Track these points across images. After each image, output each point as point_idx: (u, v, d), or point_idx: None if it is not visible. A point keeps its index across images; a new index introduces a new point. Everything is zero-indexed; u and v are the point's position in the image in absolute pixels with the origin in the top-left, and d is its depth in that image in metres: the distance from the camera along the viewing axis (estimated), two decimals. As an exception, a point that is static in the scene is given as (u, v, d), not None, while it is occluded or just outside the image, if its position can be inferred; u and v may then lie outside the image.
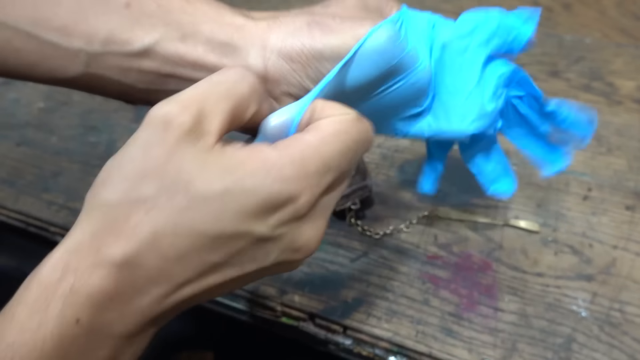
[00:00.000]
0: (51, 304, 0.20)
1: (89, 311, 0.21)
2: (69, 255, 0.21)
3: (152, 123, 0.22)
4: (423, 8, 0.69)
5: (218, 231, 0.21)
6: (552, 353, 0.37)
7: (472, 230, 0.45)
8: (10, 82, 0.62)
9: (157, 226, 0.21)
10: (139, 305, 0.22)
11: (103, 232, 0.21)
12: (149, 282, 0.21)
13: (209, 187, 0.21)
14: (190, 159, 0.21)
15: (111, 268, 0.21)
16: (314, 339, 0.41)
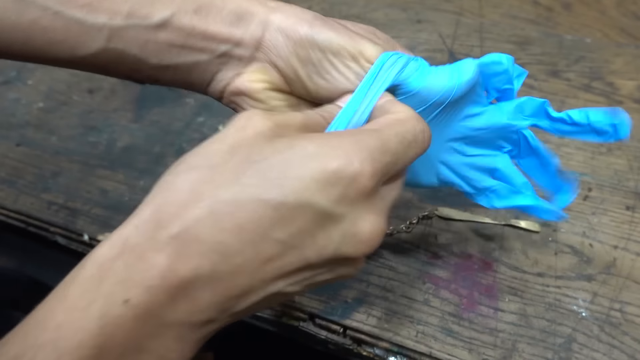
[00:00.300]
0: (104, 282, 0.20)
1: (140, 291, 0.20)
2: (130, 231, 0.21)
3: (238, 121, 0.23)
4: (424, 9, 0.69)
5: (280, 199, 0.21)
6: (553, 353, 0.37)
7: (472, 230, 0.45)
8: (10, 81, 0.62)
9: (217, 196, 0.21)
10: (192, 291, 0.20)
11: (163, 207, 0.21)
12: (205, 260, 0.20)
13: (273, 157, 0.21)
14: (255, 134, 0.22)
15: (168, 243, 0.20)
16: (314, 339, 0.41)
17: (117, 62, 0.29)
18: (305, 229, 0.21)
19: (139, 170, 0.51)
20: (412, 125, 0.25)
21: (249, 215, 0.21)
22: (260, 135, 0.22)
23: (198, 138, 0.54)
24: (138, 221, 0.21)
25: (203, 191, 0.21)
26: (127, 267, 0.20)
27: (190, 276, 0.20)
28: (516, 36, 0.62)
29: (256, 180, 0.21)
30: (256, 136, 0.22)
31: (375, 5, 0.68)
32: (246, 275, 0.21)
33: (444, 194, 0.47)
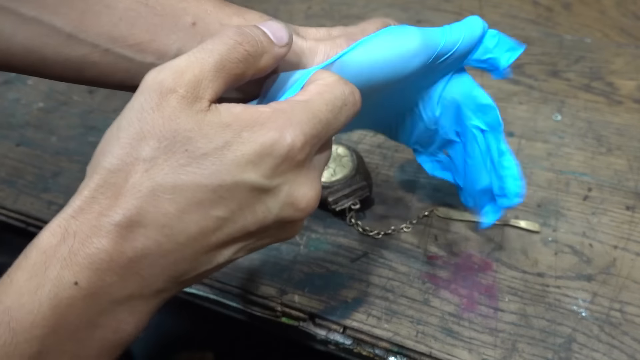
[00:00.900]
0: (50, 267, 0.20)
1: (88, 274, 0.20)
2: (68, 221, 0.21)
3: (147, 90, 0.22)
4: (424, 9, 0.69)
5: (217, 182, 0.22)
6: (553, 353, 0.37)
7: (472, 230, 0.45)
8: (10, 81, 0.62)
9: (157, 184, 0.21)
10: (140, 268, 0.22)
11: (102, 195, 0.21)
12: (150, 241, 0.21)
13: (207, 143, 0.22)
14: (186, 120, 0.22)
15: (111, 230, 0.21)
16: (314, 339, 0.41)
17: None
18: (244, 204, 0.23)
19: (139, 170, 0.51)
20: (340, 90, 0.25)
21: (190, 199, 0.22)
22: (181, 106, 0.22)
23: (198, 138, 0.54)
24: (76, 208, 0.22)
25: (142, 181, 0.21)
26: (72, 252, 0.21)
27: (138, 255, 0.21)
28: (516, 36, 0.62)
29: (193, 168, 0.22)
30: (178, 107, 0.22)
31: (375, 5, 0.68)
32: (191, 250, 0.23)
33: (444, 194, 0.47)
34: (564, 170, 0.48)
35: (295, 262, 0.44)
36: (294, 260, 0.44)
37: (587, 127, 0.52)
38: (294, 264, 0.43)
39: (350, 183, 0.45)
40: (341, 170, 0.46)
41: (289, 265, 0.43)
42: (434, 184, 0.48)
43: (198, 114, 0.22)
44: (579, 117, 0.53)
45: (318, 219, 0.46)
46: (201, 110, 0.22)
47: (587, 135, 0.51)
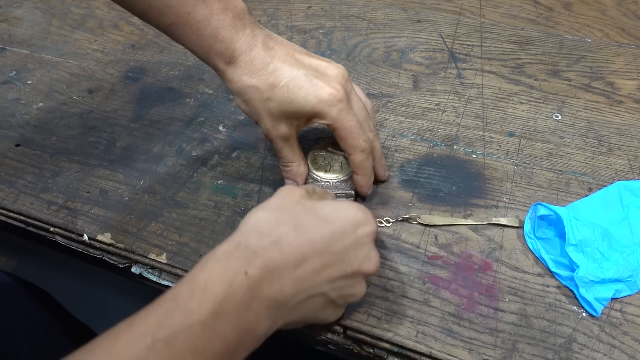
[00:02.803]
0: (230, 261, 0.31)
1: (254, 269, 0.30)
2: (238, 238, 0.32)
3: (282, 191, 0.38)
4: (424, 8, 0.69)
5: (332, 229, 0.34)
6: (553, 353, 0.37)
7: (472, 230, 0.44)
8: (10, 81, 0.62)
9: (296, 221, 0.34)
10: (281, 275, 0.31)
11: (259, 226, 0.34)
12: (292, 256, 0.32)
13: (322, 209, 0.36)
14: (309, 201, 0.37)
15: (268, 245, 0.32)
16: (314, 339, 0.41)
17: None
18: (346, 249, 0.34)
19: (139, 170, 0.51)
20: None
21: (319, 235, 0.34)
22: (303, 196, 0.37)
23: (198, 138, 0.54)
24: (244, 233, 0.33)
25: (287, 219, 0.34)
26: (245, 254, 0.31)
27: (282, 265, 0.31)
28: (516, 36, 0.62)
29: (318, 218, 0.35)
30: (301, 197, 0.37)
31: (375, 5, 0.68)
32: (312, 274, 0.33)
33: (444, 194, 0.47)
34: (565, 170, 0.48)
35: (295, 262, 0.43)
36: (294, 260, 0.44)
37: (587, 127, 0.52)
38: (294, 264, 0.43)
39: (338, 185, 0.45)
40: (339, 170, 0.46)
41: (289, 265, 0.43)
42: (434, 184, 0.48)
43: (315, 201, 0.37)
44: (580, 117, 0.53)
45: (318, 219, 0.46)
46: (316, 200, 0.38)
47: (588, 135, 0.51)
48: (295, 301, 0.32)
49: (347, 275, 0.35)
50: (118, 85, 0.61)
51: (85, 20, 0.71)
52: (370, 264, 0.36)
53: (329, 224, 0.34)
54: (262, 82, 0.40)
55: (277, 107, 0.41)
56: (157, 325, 0.27)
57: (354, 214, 0.36)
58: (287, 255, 0.32)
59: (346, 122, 0.41)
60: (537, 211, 0.44)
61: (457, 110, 0.54)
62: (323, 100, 0.40)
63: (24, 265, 1.10)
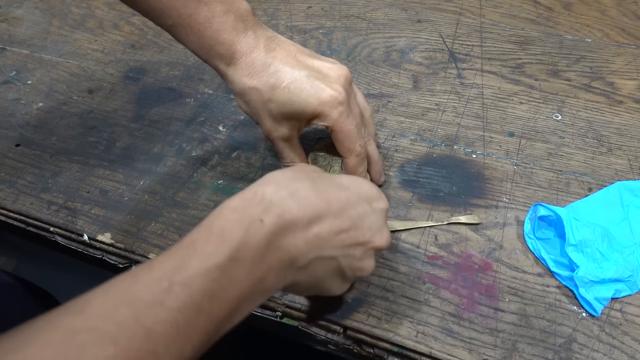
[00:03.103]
0: (246, 209, 0.30)
1: (270, 218, 0.30)
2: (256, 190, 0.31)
3: (297, 165, 0.39)
4: (424, 8, 0.69)
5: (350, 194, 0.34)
6: (553, 353, 0.37)
7: (472, 230, 0.44)
8: (10, 81, 0.62)
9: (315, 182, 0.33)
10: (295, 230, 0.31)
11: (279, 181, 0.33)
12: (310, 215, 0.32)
13: (339, 179, 0.36)
14: (325, 174, 0.37)
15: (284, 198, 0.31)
16: (314, 339, 0.41)
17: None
18: (362, 217, 0.34)
19: (139, 170, 0.51)
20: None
21: (335, 196, 0.33)
22: (316, 171, 0.36)
23: (198, 138, 0.54)
24: (262, 184, 0.32)
25: (304, 178, 0.33)
26: (262, 203, 0.31)
27: (298, 218, 0.31)
28: (516, 36, 0.62)
29: (335, 184, 0.35)
30: (315, 170, 0.36)
31: (375, 5, 0.68)
32: (326, 233, 0.32)
33: (444, 194, 0.47)
34: (565, 170, 0.48)
35: (295, 262, 0.43)
36: (294, 260, 0.44)
37: (587, 127, 0.52)
38: (294, 264, 0.43)
39: None
40: (339, 170, 0.46)
41: (289, 265, 0.43)
42: (434, 184, 0.48)
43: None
44: (579, 117, 0.53)
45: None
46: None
47: (588, 135, 0.51)
48: (306, 259, 0.32)
49: (359, 243, 0.34)
50: (118, 85, 0.61)
51: (85, 20, 0.71)
52: (382, 238, 0.35)
53: (345, 189, 0.34)
54: (263, 83, 0.40)
55: (277, 109, 0.41)
56: (175, 269, 0.27)
57: (369, 187, 0.36)
58: (303, 209, 0.31)
59: (345, 125, 0.41)
60: (537, 212, 0.44)
61: (457, 110, 0.54)
62: (324, 102, 0.40)
63: (24, 265, 1.10)
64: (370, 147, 0.45)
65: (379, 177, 0.47)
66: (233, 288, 0.28)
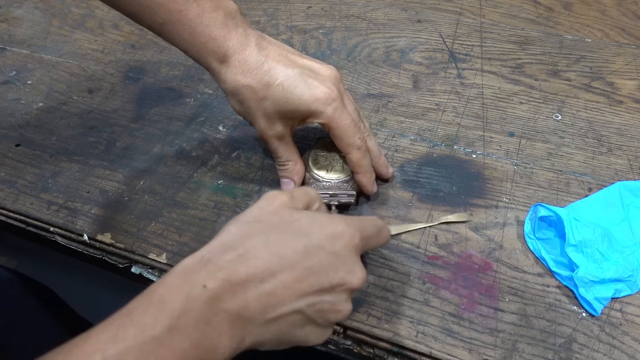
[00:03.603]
0: (189, 276, 0.29)
1: (213, 282, 0.29)
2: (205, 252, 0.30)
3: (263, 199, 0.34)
4: (424, 8, 0.69)
5: (307, 243, 0.32)
6: (553, 353, 0.37)
7: (472, 230, 0.44)
8: (10, 81, 0.62)
9: (268, 234, 0.31)
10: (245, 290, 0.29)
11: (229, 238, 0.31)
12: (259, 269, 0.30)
13: (300, 220, 0.33)
14: (288, 211, 0.34)
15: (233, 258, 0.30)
16: (314, 339, 0.41)
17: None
18: (323, 263, 0.32)
19: (139, 170, 0.51)
20: (380, 222, 0.37)
21: (288, 249, 0.31)
22: (284, 205, 0.34)
23: (198, 138, 0.54)
24: (211, 248, 0.31)
25: (258, 231, 0.32)
26: (207, 267, 0.29)
27: (247, 279, 0.29)
28: (516, 36, 0.62)
29: (292, 231, 0.32)
30: (282, 205, 0.34)
31: (375, 5, 0.68)
32: (281, 289, 0.30)
33: (444, 194, 0.47)
34: (565, 170, 0.48)
35: (295, 262, 0.43)
36: (294, 260, 0.44)
37: (587, 127, 0.52)
38: (294, 264, 0.43)
39: (339, 186, 0.45)
40: (340, 170, 0.46)
41: (289, 265, 0.43)
42: (434, 184, 0.48)
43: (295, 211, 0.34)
44: (580, 117, 0.53)
45: (318, 219, 0.46)
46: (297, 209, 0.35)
47: (588, 135, 0.51)
48: (264, 318, 0.30)
49: (325, 290, 0.32)
50: (118, 85, 0.61)
51: (85, 20, 0.71)
52: (354, 278, 0.33)
53: (304, 237, 0.32)
54: (257, 81, 0.40)
55: (272, 107, 0.41)
56: (109, 341, 0.26)
57: (333, 227, 0.33)
58: (252, 269, 0.30)
59: (341, 120, 0.41)
60: (537, 212, 0.44)
61: (457, 110, 0.54)
62: (318, 99, 0.40)
63: (24, 265, 1.10)
64: (370, 142, 0.45)
65: (386, 170, 0.47)
66: (176, 358, 0.27)
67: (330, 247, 0.32)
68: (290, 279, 0.31)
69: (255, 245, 0.31)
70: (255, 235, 0.31)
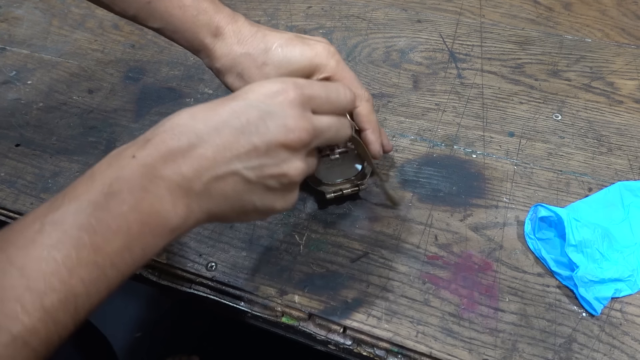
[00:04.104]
0: (120, 154, 0.29)
1: (142, 153, 0.29)
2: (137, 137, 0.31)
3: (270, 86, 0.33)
4: (424, 8, 0.69)
5: (235, 103, 0.31)
6: (553, 353, 0.37)
7: (472, 230, 0.44)
8: (10, 81, 0.62)
9: (196, 109, 0.31)
10: (176, 157, 0.29)
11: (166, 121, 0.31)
12: (187, 140, 0.30)
13: (239, 91, 0.32)
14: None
15: (163, 129, 0.30)
16: (314, 339, 0.41)
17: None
18: (252, 121, 0.31)
19: (139, 170, 0.51)
20: (341, 85, 0.35)
21: (215, 115, 0.31)
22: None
23: (198, 138, 0.54)
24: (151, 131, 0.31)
25: (195, 108, 0.31)
26: (136, 145, 0.30)
27: (176, 147, 0.30)
28: (516, 36, 0.62)
29: (224, 99, 0.32)
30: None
31: (375, 5, 0.68)
32: (212, 152, 0.30)
33: (444, 194, 0.47)
34: (565, 170, 0.48)
35: (295, 262, 0.43)
36: (294, 260, 0.44)
37: (587, 127, 0.52)
38: (294, 264, 0.43)
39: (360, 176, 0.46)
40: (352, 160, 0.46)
41: (289, 265, 0.43)
42: (434, 184, 0.48)
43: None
44: (579, 117, 0.53)
45: (318, 219, 0.46)
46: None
47: (588, 135, 0.51)
48: (201, 182, 0.30)
49: (260, 149, 0.31)
50: (118, 85, 0.61)
51: (85, 20, 0.71)
52: (288, 132, 0.31)
53: (232, 100, 0.31)
54: (254, 48, 0.41)
55: (274, 71, 0.41)
56: (46, 210, 0.27)
57: (268, 86, 0.32)
58: (178, 136, 0.30)
59: (346, 72, 0.41)
60: (537, 212, 0.44)
61: (457, 110, 0.54)
62: (319, 54, 0.40)
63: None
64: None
65: (387, 140, 0.45)
66: (115, 221, 0.27)
67: (262, 106, 0.31)
68: (219, 141, 0.30)
69: (183, 117, 0.31)
70: (187, 111, 0.31)
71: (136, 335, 1.01)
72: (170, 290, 0.45)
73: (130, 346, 0.99)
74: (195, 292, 0.44)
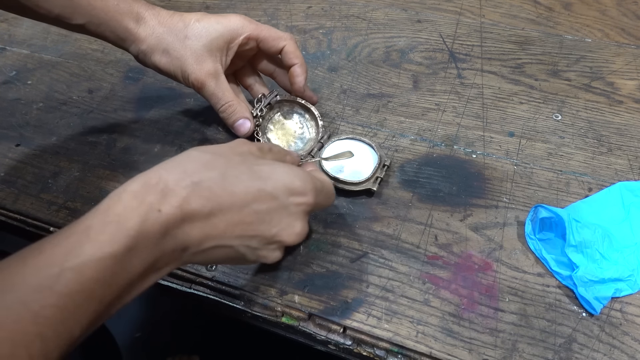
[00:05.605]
0: (145, 198, 0.30)
1: (168, 208, 0.30)
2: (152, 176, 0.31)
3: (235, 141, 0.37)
4: (424, 8, 0.69)
5: (262, 187, 0.33)
6: (553, 353, 0.37)
7: (472, 230, 0.44)
8: (10, 81, 0.62)
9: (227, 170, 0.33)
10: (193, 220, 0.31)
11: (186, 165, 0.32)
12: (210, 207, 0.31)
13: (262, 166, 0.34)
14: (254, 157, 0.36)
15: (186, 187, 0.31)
16: (313, 339, 0.41)
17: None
18: (271, 210, 0.33)
19: (139, 171, 0.51)
20: (332, 190, 0.39)
21: (243, 189, 0.32)
22: (252, 152, 0.36)
23: (198, 138, 0.54)
24: (168, 167, 0.32)
25: (218, 165, 0.33)
26: (161, 192, 0.30)
27: (197, 209, 0.31)
28: (516, 36, 0.62)
29: (251, 173, 0.33)
30: (249, 152, 0.36)
31: (375, 5, 0.68)
32: (225, 225, 0.32)
33: (444, 194, 0.47)
34: (564, 170, 0.48)
35: (295, 262, 0.44)
36: (294, 260, 0.44)
37: (587, 127, 0.52)
38: (293, 264, 0.43)
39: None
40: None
41: (289, 265, 0.43)
42: (434, 184, 0.48)
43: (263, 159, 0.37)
44: (579, 117, 0.53)
45: (318, 219, 0.46)
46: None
47: (588, 135, 0.51)
48: (199, 248, 0.32)
49: (263, 237, 0.34)
50: (118, 85, 0.61)
51: (85, 20, 0.71)
52: (291, 234, 0.34)
53: (260, 181, 0.33)
54: (174, 26, 0.45)
55: (197, 42, 0.45)
56: (67, 254, 0.27)
57: (291, 180, 0.34)
58: (203, 201, 0.31)
59: (265, 27, 0.47)
60: (538, 213, 0.44)
61: (457, 110, 0.54)
62: (236, 20, 0.46)
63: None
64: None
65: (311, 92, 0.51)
66: (126, 274, 0.29)
67: (283, 199, 0.34)
68: (236, 218, 0.32)
69: (211, 177, 0.32)
70: (214, 168, 0.32)
71: (136, 335, 1.01)
72: (170, 290, 0.44)
73: (130, 346, 0.99)
74: (195, 292, 0.44)
